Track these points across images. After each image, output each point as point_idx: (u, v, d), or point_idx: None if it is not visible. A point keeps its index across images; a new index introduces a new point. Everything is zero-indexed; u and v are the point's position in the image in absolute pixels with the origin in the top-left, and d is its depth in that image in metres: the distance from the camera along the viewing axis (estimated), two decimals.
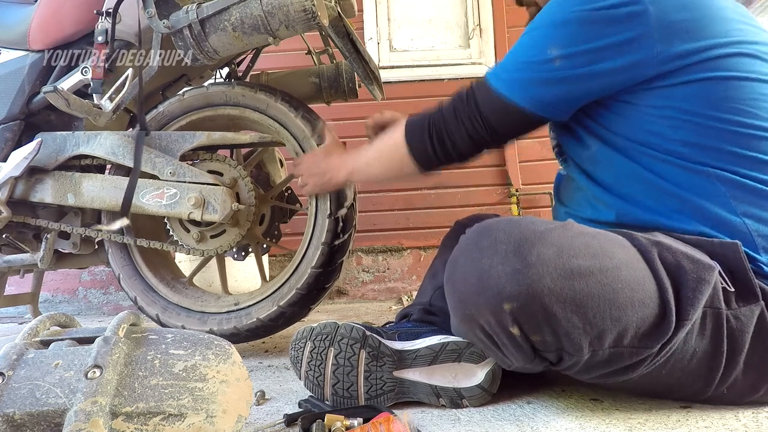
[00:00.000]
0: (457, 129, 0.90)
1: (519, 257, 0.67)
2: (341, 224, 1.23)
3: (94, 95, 1.14)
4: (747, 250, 0.73)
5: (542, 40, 0.81)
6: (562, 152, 0.99)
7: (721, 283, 0.71)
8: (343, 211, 1.23)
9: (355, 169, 1.09)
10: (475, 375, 0.82)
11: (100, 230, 1.25)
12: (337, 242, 1.22)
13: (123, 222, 1.19)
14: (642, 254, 0.72)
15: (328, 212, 1.22)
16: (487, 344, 0.75)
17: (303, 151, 1.25)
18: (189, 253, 1.26)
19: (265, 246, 1.48)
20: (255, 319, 1.23)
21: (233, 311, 1.26)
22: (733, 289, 0.71)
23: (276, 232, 1.46)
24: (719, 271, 0.71)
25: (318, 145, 1.23)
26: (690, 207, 0.78)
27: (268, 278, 1.48)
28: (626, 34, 0.75)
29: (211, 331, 1.23)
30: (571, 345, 0.68)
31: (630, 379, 0.73)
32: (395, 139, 0.98)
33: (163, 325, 1.28)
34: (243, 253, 1.51)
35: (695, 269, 0.70)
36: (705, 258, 0.72)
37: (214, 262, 1.48)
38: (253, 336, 1.27)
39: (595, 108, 0.84)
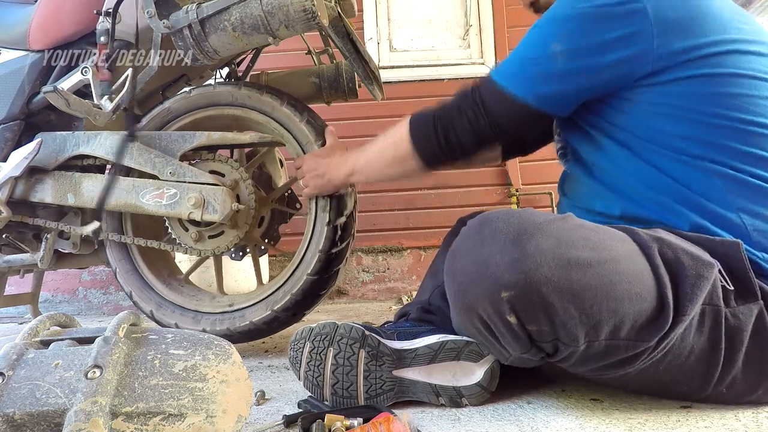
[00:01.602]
0: (461, 122, 0.91)
1: (517, 247, 0.68)
2: (339, 232, 1.23)
3: (93, 95, 1.14)
4: (747, 249, 0.74)
5: (545, 37, 0.83)
6: (565, 154, 1.00)
7: (721, 281, 0.72)
8: (342, 220, 1.22)
9: (356, 168, 1.09)
10: (474, 373, 0.82)
11: (80, 232, 1.25)
12: (334, 250, 1.22)
13: (94, 225, 1.20)
14: (642, 249, 0.72)
15: (327, 221, 1.22)
16: (485, 334, 0.76)
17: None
18: (186, 253, 1.25)
19: (262, 248, 1.48)
20: (248, 322, 1.23)
21: (227, 312, 1.26)
22: (732, 288, 0.72)
23: (275, 234, 1.46)
24: (719, 269, 0.72)
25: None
26: (688, 201, 0.79)
27: (267, 278, 1.48)
28: (626, 29, 0.77)
29: (203, 331, 1.23)
30: (567, 335, 0.69)
31: (627, 374, 0.73)
32: (399, 134, 0.99)
33: (156, 321, 1.28)
34: (241, 253, 1.51)
35: (694, 266, 0.70)
36: (705, 255, 0.72)
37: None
38: (245, 338, 1.27)
39: (597, 104, 0.85)
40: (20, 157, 1.19)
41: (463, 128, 0.92)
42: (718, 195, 0.77)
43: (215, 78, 1.55)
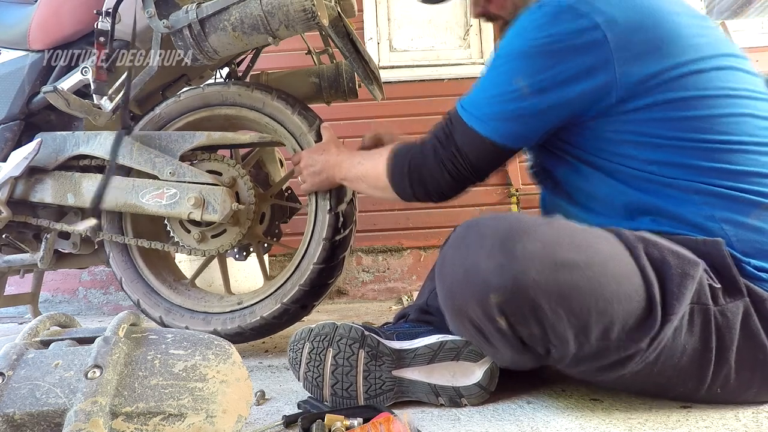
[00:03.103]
0: (439, 171, 0.91)
1: (504, 251, 0.68)
2: (341, 219, 1.23)
3: (93, 95, 1.14)
4: (730, 250, 0.74)
5: (508, 73, 0.83)
6: (538, 173, 1.00)
7: (707, 280, 0.72)
8: (342, 207, 1.23)
9: (347, 178, 1.11)
10: (473, 373, 0.83)
11: (74, 230, 1.24)
12: (338, 237, 1.23)
13: (90, 222, 1.19)
14: (628, 249, 0.72)
15: (328, 208, 1.22)
16: (477, 338, 0.76)
17: (301, 148, 1.25)
18: (190, 254, 1.26)
19: (266, 245, 1.48)
20: (259, 318, 1.23)
21: (237, 310, 1.26)
22: (719, 285, 0.72)
23: (277, 231, 1.46)
24: (704, 268, 0.72)
25: (316, 141, 1.23)
26: (669, 217, 0.79)
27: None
28: (587, 61, 0.77)
29: (215, 332, 1.23)
30: (556, 337, 0.69)
31: (622, 376, 0.74)
32: (379, 171, 1.00)
33: (166, 326, 1.28)
34: (244, 254, 1.51)
35: (680, 264, 0.71)
36: (690, 254, 0.72)
37: (214, 262, 1.48)
38: (257, 335, 1.27)
39: (563, 132, 0.86)
40: (20, 157, 1.19)
41: (444, 178, 0.92)
42: (698, 209, 0.77)
43: (215, 78, 1.55)
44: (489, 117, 0.85)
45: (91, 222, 1.19)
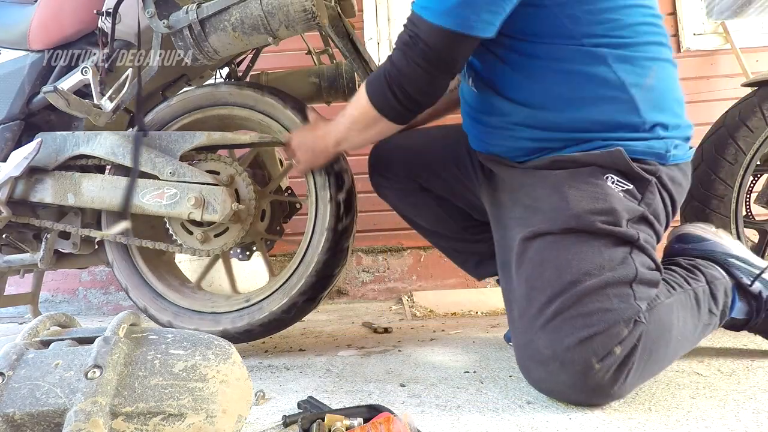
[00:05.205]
0: (413, 69, 0.93)
1: None
2: (342, 208, 1.24)
3: (94, 95, 1.15)
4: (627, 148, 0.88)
5: None
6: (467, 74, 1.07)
7: (621, 192, 0.88)
8: (342, 195, 1.24)
9: (339, 137, 1.12)
10: None
11: (105, 235, 1.25)
12: (340, 226, 1.23)
13: (125, 224, 1.19)
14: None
15: (329, 197, 1.23)
16: None
17: None
18: (194, 255, 1.25)
19: (269, 242, 1.48)
20: (267, 313, 1.24)
21: (245, 308, 1.26)
22: (630, 186, 0.89)
23: (278, 228, 1.46)
24: (614, 180, 0.88)
25: None
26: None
27: (268, 278, 1.48)
28: None
29: (225, 331, 1.24)
30: None
31: None
32: (361, 104, 1.02)
33: None
34: (248, 253, 1.51)
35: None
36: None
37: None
38: (266, 331, 1.27)
39: (509, 20, 0.90)
40: (20, 157, 1.19)
41: (418, 75, 0.93)
42: (605, 67, 0.89)
43: (215, 78, 1.55)
44: (448, 9, 0.87)
45: (124, 225, 1.19)
